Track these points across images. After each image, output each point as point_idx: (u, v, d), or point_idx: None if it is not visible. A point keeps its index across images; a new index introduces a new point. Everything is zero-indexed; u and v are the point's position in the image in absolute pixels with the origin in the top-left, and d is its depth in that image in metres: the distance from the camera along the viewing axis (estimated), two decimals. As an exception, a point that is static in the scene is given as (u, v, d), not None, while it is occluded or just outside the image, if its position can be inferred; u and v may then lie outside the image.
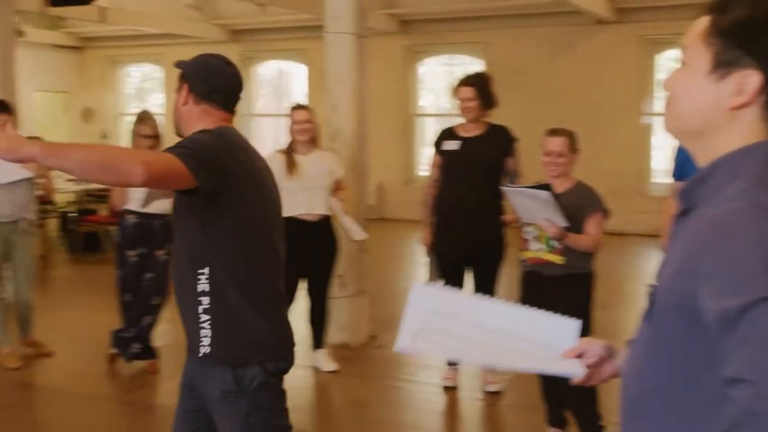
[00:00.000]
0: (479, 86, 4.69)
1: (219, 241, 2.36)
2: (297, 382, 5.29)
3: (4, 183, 5.19)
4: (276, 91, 15.39)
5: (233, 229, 2.37)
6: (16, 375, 5.28)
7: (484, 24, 12.58)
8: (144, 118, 5.20)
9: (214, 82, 2.48)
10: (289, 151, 5.08)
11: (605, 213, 3.81)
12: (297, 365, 2.40)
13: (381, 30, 12.06)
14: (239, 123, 15.01)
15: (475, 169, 4.68)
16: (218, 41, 14.55)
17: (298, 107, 5.16)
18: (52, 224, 9.84)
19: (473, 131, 4.77)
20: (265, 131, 15.34)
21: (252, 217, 2.41)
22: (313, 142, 5.11)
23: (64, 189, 9.22)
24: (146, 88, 16.61)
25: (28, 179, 5.31)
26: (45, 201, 8.37)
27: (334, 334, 5.87)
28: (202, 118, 2.47)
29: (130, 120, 16.88)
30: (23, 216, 5.38)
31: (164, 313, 5.31)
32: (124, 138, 16.65)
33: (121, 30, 14.97)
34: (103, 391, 4.60)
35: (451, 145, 4.76)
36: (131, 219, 5.16)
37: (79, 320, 6.73)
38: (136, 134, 5.13)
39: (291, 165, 4.97)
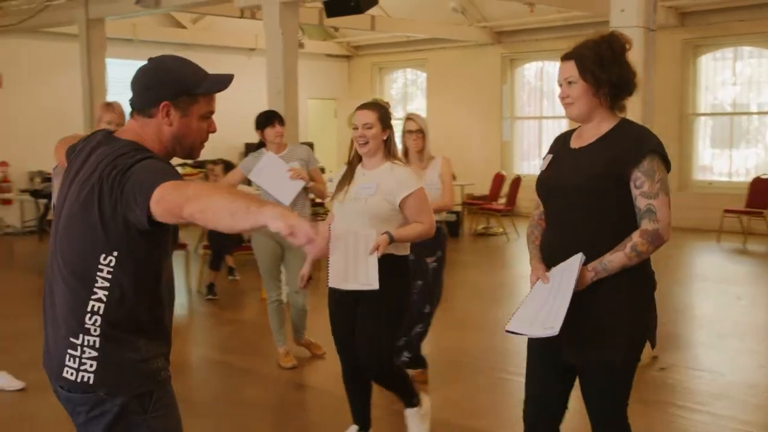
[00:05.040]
0: None
1: None
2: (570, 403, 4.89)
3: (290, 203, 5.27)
4: (538, 93, 14.99)
5: None
6: (292, 375, 5.40)
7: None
8: (410, 117, 5.15)
9: None
10: None
11: None
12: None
13: (658, 24, 11.29)
14: (503, 125, 14.80)
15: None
16: (482, 44, 14.48)
17: None
18: (324, 226, 10.17)
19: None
20: (528, 134, 15.02)
21: None
22: None
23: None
24: (409, 93, 16.94)
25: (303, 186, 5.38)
26: (317, 204, 8.67)
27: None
28: None
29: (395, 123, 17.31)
30: None
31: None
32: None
33: (389, 37, 15.41)
34: (373, 399, 4.58)
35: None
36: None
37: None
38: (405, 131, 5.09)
39: None
